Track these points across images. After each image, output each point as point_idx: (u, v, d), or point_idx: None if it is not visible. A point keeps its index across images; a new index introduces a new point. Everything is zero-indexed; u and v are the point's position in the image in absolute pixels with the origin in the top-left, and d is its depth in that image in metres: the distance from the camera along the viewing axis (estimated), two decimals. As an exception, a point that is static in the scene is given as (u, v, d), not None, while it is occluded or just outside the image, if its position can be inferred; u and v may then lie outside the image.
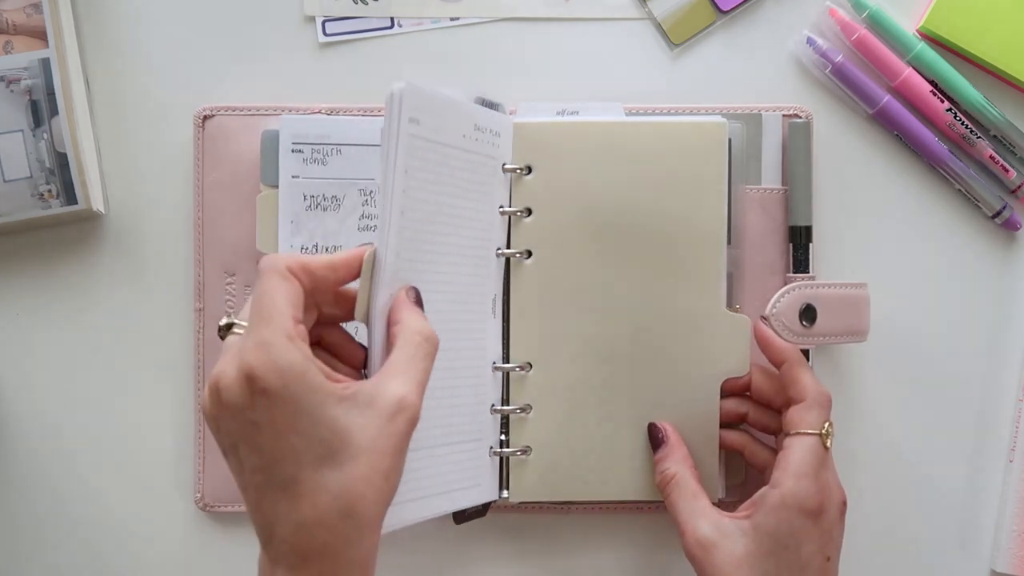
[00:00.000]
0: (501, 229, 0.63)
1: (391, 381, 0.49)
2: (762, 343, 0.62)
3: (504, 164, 0.62)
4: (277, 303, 0.48)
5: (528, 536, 0.67)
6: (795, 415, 0.59)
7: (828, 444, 0.59)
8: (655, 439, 0.63)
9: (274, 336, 0.47)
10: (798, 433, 0.59)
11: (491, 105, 0.62)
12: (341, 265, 0.52)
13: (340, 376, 0.49)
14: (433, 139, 0.56)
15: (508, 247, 0.63)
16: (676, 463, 0.61)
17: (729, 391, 0.64)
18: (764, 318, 0.61)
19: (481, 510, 0.63)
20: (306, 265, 0.50)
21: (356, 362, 0.54)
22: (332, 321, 0.53)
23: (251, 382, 0.46)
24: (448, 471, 0.60)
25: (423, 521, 0.57)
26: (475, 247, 0.61)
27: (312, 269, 0.50)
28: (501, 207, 0.63)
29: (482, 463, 0.62)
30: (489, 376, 0.63)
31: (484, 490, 0.62)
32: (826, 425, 0.59)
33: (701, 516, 0.59)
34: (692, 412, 0.63)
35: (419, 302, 0.53)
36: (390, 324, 0.52)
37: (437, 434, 0.59)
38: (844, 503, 0.59)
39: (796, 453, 0.58)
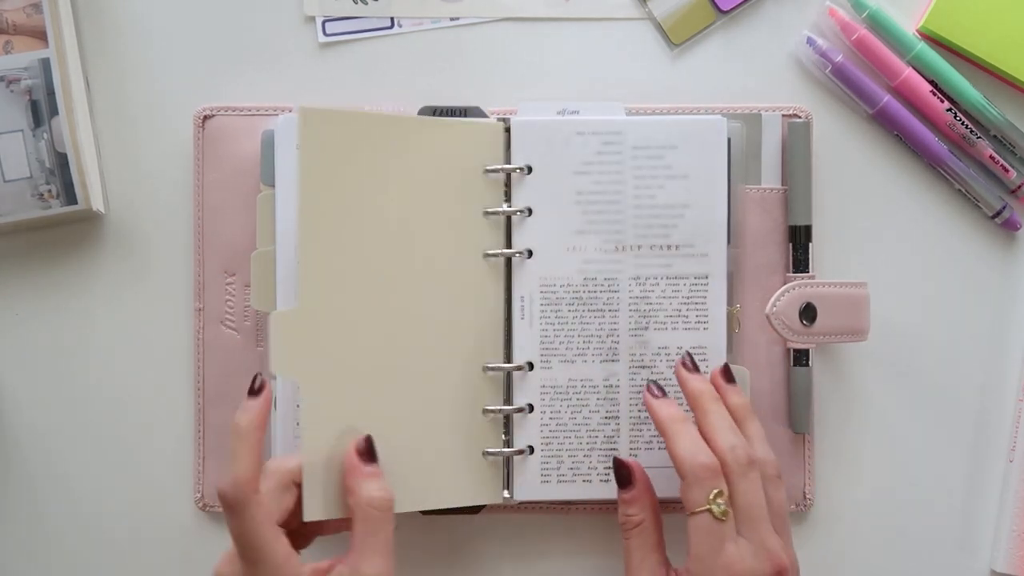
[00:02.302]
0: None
1: (363, 563, 0.54)
2: (650, 412, 0.59)
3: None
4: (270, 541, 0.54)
5: (528, 536, 0.67)
6: (683, 494, 0.56)
7: (719, 514, 0.55)
8: (621, 477, 0.59)
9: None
10: (691, 514, 0.56)
11: (454, 112, 0.63)
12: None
13: (324, 565, 0.55)
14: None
15: (509, 247, 0.64)
16: (644, 510, 0.58)
17: None
18: (653, 391, 0.60)
19: (470, 509, 0.63)
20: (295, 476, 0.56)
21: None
22: None
23: None
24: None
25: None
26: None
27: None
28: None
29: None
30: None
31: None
32: (713, 493, 0.55)
33: (650, 573, 0.57)
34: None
35: (369, 453, 0.57)
36: (346, 491, 0.56)
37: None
38: (780, 573, 0.56)
39: (691, 536, 0.55)
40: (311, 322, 0.58)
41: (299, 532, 0.57)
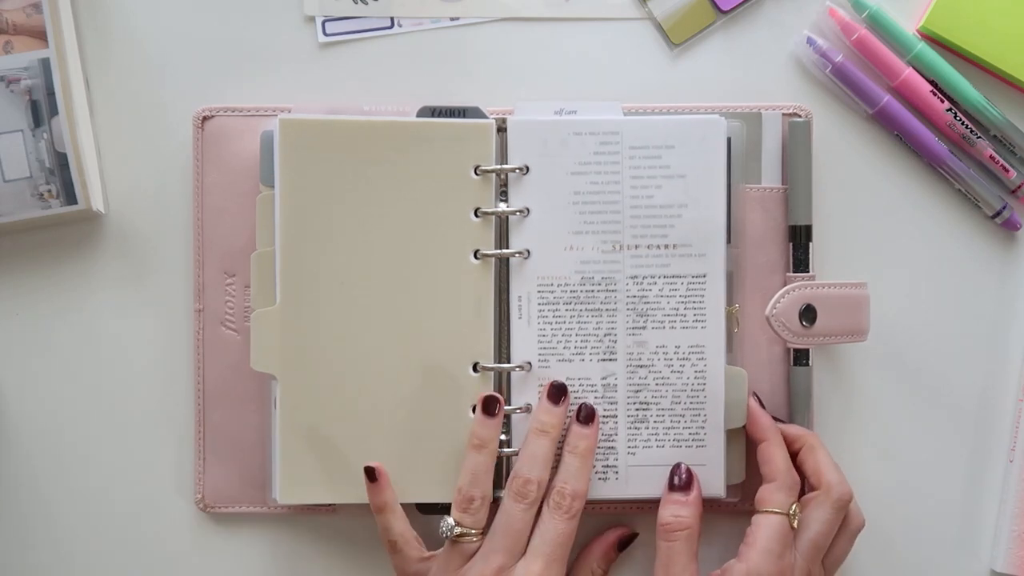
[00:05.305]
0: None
1: (532, 564, 0.60)
2: (749, 417, 0.63)
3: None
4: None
5: (528, 536, 0.67)
6: (765, 494, 0.61)
7: (794, 524, 0.60)
8: (678, 482, 0.62)
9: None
10: (767, 511, 0.60)
11: (453, 112, 0.63)
12: None
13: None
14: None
15: (506, 247, 0.64)
16: (695, 517, 0.61)
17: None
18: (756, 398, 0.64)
19: None
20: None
21: None
22: None
23: None
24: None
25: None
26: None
27: None
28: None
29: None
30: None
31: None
32: (794, 506, 0.60)
33: None
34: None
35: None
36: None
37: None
38: None
39: (763, 530, 0.59)
40: (290, 321, 0.62)
41: None
